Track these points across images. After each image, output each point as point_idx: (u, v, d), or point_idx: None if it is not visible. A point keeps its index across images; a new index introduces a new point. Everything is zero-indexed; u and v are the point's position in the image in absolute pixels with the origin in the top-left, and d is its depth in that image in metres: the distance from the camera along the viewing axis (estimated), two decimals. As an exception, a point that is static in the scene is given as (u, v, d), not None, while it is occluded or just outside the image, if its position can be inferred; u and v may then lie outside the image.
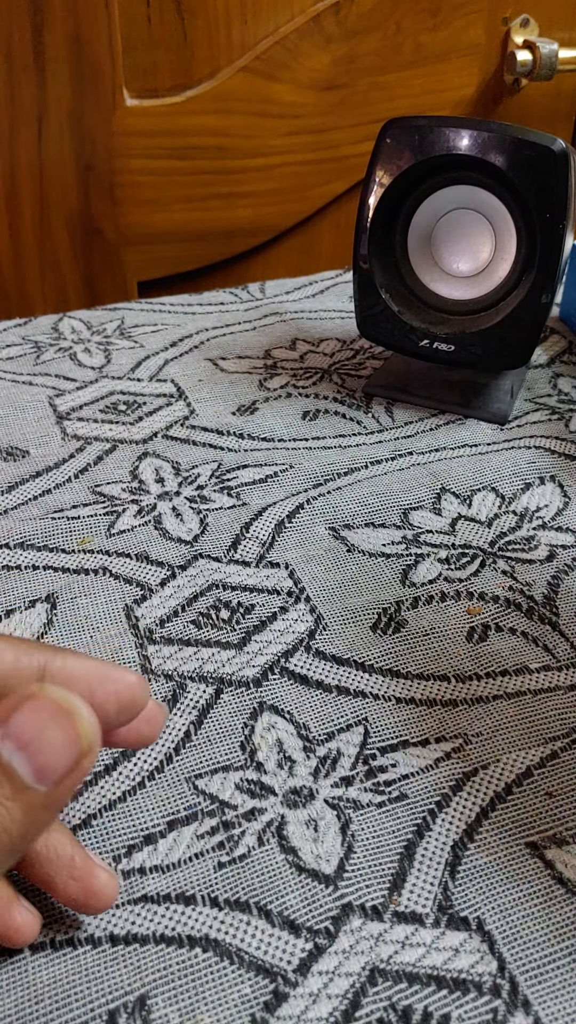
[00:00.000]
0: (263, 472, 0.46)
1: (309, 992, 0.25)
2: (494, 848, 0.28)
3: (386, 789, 0.30)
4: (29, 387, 0.55)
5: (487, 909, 0.27)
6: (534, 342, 0.48)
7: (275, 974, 0.25)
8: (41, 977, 0.25)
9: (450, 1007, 0.24)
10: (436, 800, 0.30)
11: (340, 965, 0.25)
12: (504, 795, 0.30)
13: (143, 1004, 0.25)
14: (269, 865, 0.28)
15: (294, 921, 0.27)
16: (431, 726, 0.32)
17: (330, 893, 0.27)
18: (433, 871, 0.28)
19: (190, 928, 0.26)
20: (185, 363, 0.57)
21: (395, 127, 0.47)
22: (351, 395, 0.53)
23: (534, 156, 0.45)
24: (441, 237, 0.49)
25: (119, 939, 0.26)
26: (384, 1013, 0.24)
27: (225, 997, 0.25)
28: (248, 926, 0.26)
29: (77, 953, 0.26)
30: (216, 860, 0.28)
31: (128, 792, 0.30)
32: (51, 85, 0.70)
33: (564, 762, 0.31)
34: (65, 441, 0.49)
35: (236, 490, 0.45)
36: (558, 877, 0.27)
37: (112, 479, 0.46)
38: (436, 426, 0.50)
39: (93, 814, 0.30)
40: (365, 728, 0.32)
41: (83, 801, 0.30)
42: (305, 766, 0.31)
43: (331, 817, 0.29)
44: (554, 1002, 0.24)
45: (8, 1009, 0.25)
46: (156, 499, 0.45)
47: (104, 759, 0.31)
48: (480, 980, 0.25)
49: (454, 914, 0.27)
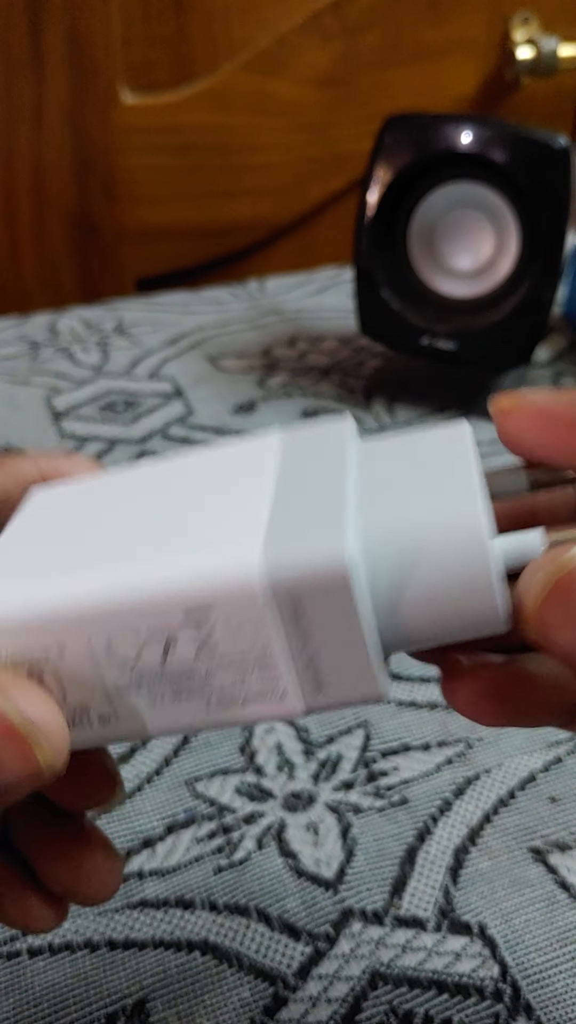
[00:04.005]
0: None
1: (309, 996, 0.25)
2: (496, 853, 0.28)
3: (387, 793, 0.30)
4: (25, 385, 0.55)
5: (489, 914, 0.26)
6: (536, 340, 0.48)
7: (275, 978, 0.25)
8: (39, 981, 0.25)
9: (451, 1012, 0.24)
10: (438, 804, 0.30)
11: (340, 969, 0.25)
12: (507, 799, 0.30)
13: (142, 1008, 0.25)
14: (269, 869, 0.28)
15: (294, 925, 0.26)
16: (433, 730, 0.32)
17: (330, 897, 0.27)
18: (435, 875, 0.27)
19: (189, 932, 0.26)
20: (183, 362, 0.57)
21: (396, 124, 0.47)
22: (351, 394, 0.53)
23: (535, 153, 0.44)
24: (442, 234, 0.49)
25: (117, 943, 0.26)
26: (385, 1017, 0.24)
27: (224, 1001, 0.25)
28: (248, 930, 0.26)
29: (75, 957, 0.26)
30: (215, 864, 0.28)
31: (126, 795, 0.30)
32: (49, 82, 0.70)
33: (567, 766, 0.31)
34: (62, 440, 0.49)
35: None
36: (561, 882, 0.27)
37: (111, 478, 0.46)
38: (436, 425, 0.50)
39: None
40: (366, 731, 0.32)
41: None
42: (305, 769, 0.31)
43: (331, 821, 0.29)
44: (556, 1008, 0.24)
45: (6, 1013, 0.24)
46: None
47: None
48: (482, 985, 0.25)
49: (456, 918, 0.26)
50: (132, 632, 0.15)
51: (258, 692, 0.16)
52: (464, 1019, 0.24)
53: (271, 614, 0.15)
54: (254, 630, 0.15)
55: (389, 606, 0.15)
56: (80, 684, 0.16)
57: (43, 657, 0.16)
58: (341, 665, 0.15)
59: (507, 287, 0.48)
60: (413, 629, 0.16)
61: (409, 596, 0.15)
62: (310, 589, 0.15)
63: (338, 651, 0.15)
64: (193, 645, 0.15)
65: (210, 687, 0.16)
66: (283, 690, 0.15)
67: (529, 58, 0.78)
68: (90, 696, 0.16)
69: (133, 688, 0.16)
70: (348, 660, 0.15)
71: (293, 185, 0.80)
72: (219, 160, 0.77)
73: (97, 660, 0.16)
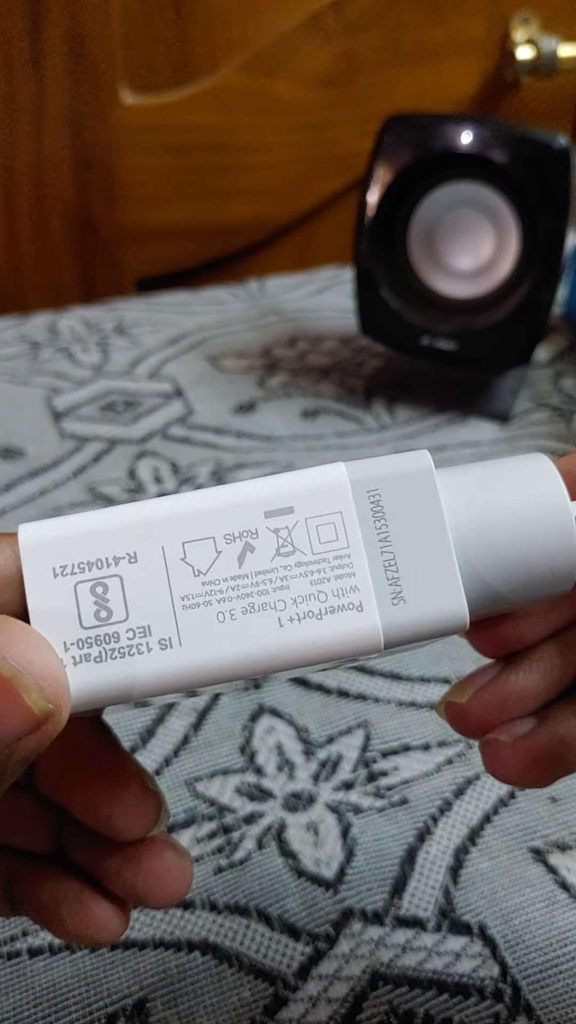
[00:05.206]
0: (262, 471, 0.46)
1: (309, 996, 0.25)
2: (496, 853, 0.28)
3: (387, 793, 0.30)
4: (25, 385, 0.55)
5: (489, 914, 0.26)
6: (536, 340, 0.48)
7: (275, 978, 0.25)
8: (39, 981, 0.25)
9: (451, 1011, 0.24)
10: (438, 804, 0.29)
11: (340, 969, 0.25)
12: (507, 799, 0.30)
13: (142, 1008, 0.25)
14: (269, 869, 0.28)
15: (294, 925, 0.26)
16: (433, 730, 0.32)
17: (330, 897, 0.27)
18: (435, 875, 0.27)
19: (189, 932, 0.26)
20: (183, 362, 0.57)
21: (396, 124, 0.47)
22: (351, 394, 0.53)
23: (535, 153, 0.44)
24: (442, 234, 0.49)
25: (117, 943, 0.26)
26: (385, 1017, 0.24)
27: (224, 1001, 0.25)
28: (248, 930, 0.26)
29: (75, 957, 0.26)
30: (215, 864, 0.28)
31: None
32: (49, 82, 0.70)
33: (566, 765, 0.31)
34: (62, 440, 0.49)
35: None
36: (561, 882, 0.27)
37: (110, 479, 0.46)
38: (437, 424, 0.50)
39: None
40: (366, 731, 0.32)
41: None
42: (305, 769, 0.31)
43: (332, 821, 0.29)
44: (556, 1007, 0.24)
45: (6, 1012, 0.24)
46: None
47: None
48: (482, 985, 0.25)
49: (456, 919, 0.26)
50: (209, 537, 0.15)
51: (334, 604, 0.15)
52: (464, 1019, 0.24)
53: (352, 509, 0.15)
54: (334, 530, 0.15)
55: (467, 548, 0.16)
56: (145, 602, 0.15)
57: (111, 573, 0.15)
58: (422, 571, 0.15)
59: (507, 287, 0.48)
60: (491, 575, 0.16)
61: (489, 540, 0.16)
62: (391, 479, 0.15)
63: (420, 553, 0.15)
64: (271, 549, 0.15)
65: (283, 599, 0.15)
66: (360, 601, 0.15)
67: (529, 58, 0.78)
68: (154, 616, 0.15)
69: (202, 603, 0.15)
70: (430, 565, 0.15)
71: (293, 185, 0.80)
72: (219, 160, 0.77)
73: (169, 570, 0.15)
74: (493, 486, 0.16)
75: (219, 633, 0.15)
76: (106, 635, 0.15)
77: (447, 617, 0.15)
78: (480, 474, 0.17)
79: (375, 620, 0.15)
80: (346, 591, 0.15)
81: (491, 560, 0.16)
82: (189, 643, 0.15)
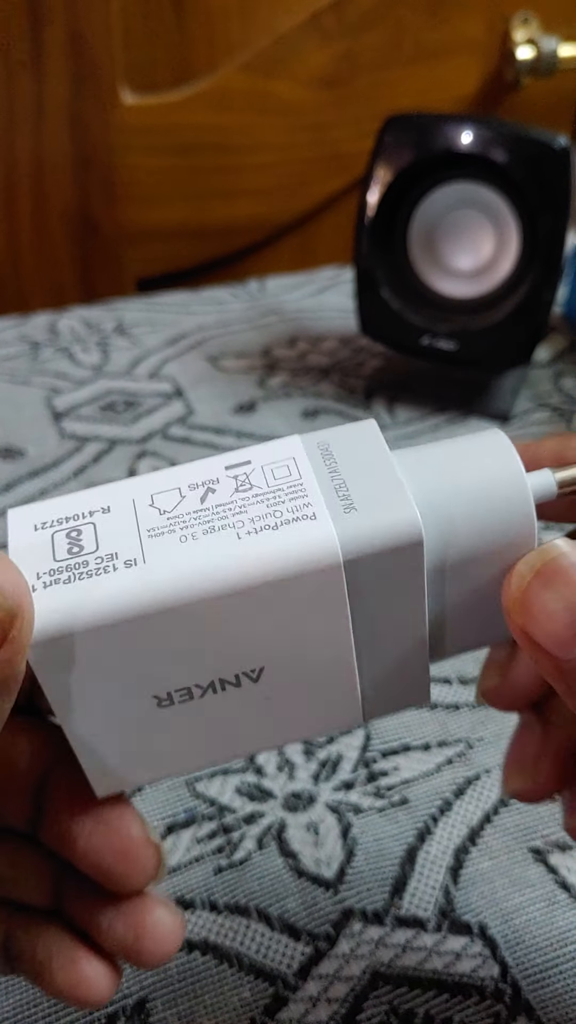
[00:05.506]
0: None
1: (309, 996, 0.25)
2: (497, 853, 0.28)
3: (387, 793, 0.30)
4: (25, 385, 0.55)
5: (489, 914, 0.26)
6: (536, 340, 0.48)
7: (275, 978, 0.25)
8: (39, 982, 0.25)
9: (451, 1011, 0.24)
10: (438, 804, 0.29)
11: (340, 969, 0.25)
12: (507, 799, 0.30)
13: (142, 1008, 0.25)
14: (269, 869, 0.28)
15: (294, 925, 0.26)
16: (433, 730, 0.32)
17: (330, 897, 0.27)
18: (435, 875, 0.27)
19: (189, 932, 0.26)
20: (184, 362, 0.57)
21: (396, 124, 0.47)
22: (351, 394, 0.53)
23: (536, 153, 0.44)
24: (442, 234, 0.49)
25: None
26: (385, 1017, 0.24)
27: (225, 1001, 0.25)
28: (248, 930, 0.26)
29: (75, 958, 0.26)
30: (215, 864, 0.28)
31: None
32: (49, 82, 0.70)
33: (566, 764, 0.31)
34: (62, 440, 0.49)
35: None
36: (561, 882, 0.27)
37: (110, 479, 0.46)
38: (437, 424, 0.50)
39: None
40: (366, 731, 0.32)
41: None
42: (305, 769, 0.31)
43: (332, 821, 0.29)
44: (556, 1007, 0.24)
45: (6, 1013, 0.24)
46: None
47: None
48: (482, 985, 0.25)
49: (456, 918, 0.26)
50: (175, 488, 0.17)
51: (289, 518, 0.16)
52: (464, 1019, 0.24)
53: (303, 453, 0.17)
54: (287, 469, 0.17)
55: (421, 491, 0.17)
56: (114, 536, 0.16)
57: (86, 522, 0.17)
58: (372, 491, 0.16)
59: (507, 287, 0.48)
60: (446, 507, 0.17)
61: (442, 489, 0.17)
62: (339, 432, 0.17)
63: (369, 480, 0.17)
64: (231, 488, 0.17)
65: (242, 519, 0.16)
66: (313, 512, 0.16)
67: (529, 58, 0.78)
68: (121, 545, 0.16)
69: (166, 531, 0.16)
70: (379, 487, 0.16)
71: (293, 185, 0.80)
72: (219, 160, 0.77)
73: (138, 514, 0.17)
74: (446, 451, 0.18)
75: (181, 550, 0.16)
76: (76, 564, 0.16)
77: (400, 525, 0.16)
78: (433, 447, 0.18)
79: (329, 526, 0.16)
80: (300, 507, 0.16)
81: (446, 498, 0.17)
82: (153, 560, 0.16)
